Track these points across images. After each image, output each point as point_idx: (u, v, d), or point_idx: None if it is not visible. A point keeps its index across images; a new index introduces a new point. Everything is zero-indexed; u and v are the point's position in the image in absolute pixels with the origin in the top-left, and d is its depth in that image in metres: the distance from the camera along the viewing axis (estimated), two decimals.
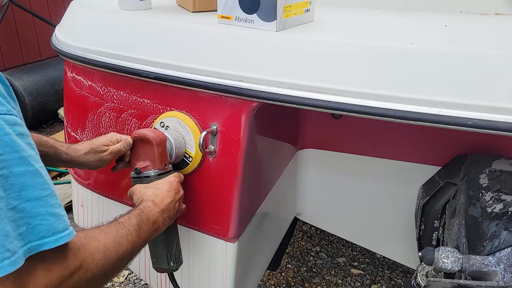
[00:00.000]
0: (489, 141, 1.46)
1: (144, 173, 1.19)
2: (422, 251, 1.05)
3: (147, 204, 1.06)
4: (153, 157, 1.19)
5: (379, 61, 1.03)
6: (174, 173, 1.23)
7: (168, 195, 1.12)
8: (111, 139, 1.22)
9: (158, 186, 1.14)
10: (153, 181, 1.18)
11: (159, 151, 1.19)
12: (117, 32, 1.35)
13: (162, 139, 1.20)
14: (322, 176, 1.89)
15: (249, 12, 1.15)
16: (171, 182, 1.16)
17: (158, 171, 1.19)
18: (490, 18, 1.42)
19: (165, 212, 1.09)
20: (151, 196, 1.09)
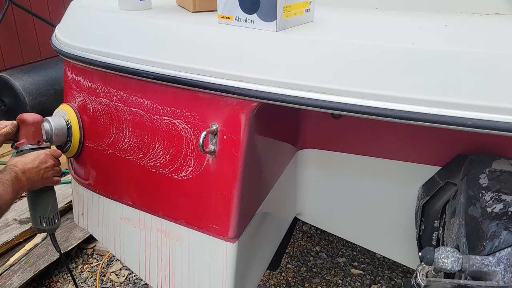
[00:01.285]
0: (489, 141, 1.46)
1: (19, 148, 1.45)
2: (422, 251, 1.05)
3: (11, 166, 1.32)
4: (27, 134, 1.45)
5: (379, 61, 1.03)
6: (48, 149, 1.47)
7: (32, 162, 1.37)
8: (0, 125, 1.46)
9: (25, 155, 1.40)
10: (26, 153, 1.42)
11: (32, 129, 1.45)
12: (117, 32, 1.35)
13: (36, 120, 1.46)
14: (322, 176, 1.89)
15: (249, 12, 1.15)
16: (38, 154, 1.41)
17: (30, 146, 1.45)
18: (490, 18, 1.42)
19: (26, 173, 1.33)
20: (15, 162, 1.35)
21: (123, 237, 1.59)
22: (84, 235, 2.54)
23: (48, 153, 1.44)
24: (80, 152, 1.58)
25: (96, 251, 2.57)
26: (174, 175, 1.36)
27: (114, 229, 1.60)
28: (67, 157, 1.65)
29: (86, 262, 2.49)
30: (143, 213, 1.48)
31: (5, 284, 2.15)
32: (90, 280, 2.37)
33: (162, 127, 1.33)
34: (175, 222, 1.41)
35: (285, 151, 1.79)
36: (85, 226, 1.75)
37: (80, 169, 1.64)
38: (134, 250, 1.56)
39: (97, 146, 1.52)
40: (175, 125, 1.30)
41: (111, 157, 1.49)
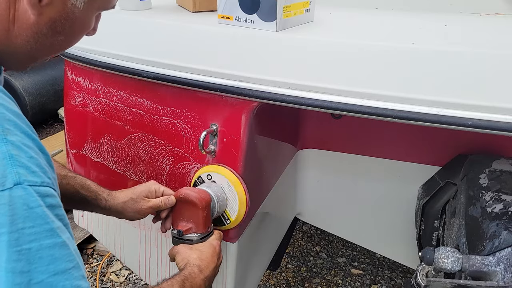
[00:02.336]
0: (489, 141, 1.46)
1: (187, 235, 1.15)
2: (422, 251, 1.05)
3: (193, 270, 1.04)
4: (197, 220, 1.15)
5: (379, 61, 1.03)
6: (216, 234, 1.19)
7: (212, 261, 1.10)
8: (149, 189, 1.19)
9: (202, 249, 1.12)
10: (195, 244, 1.14)
11: (204, 215, 1.15)
12: (117, 32, 1.35)
13: (207, 203, 1.16)
14: (322, 176, 1.89)
15: (249, 12, 1.15)
16: (214, 247, 1.14)
17: (201, 235, 1.15)
18: (490, 18, 1.42)
19: (208, 280, 1.07)
20: (197, 260, 1.07)
21: (123, 237, 1.59)
22: (84, 235, 2.54)
23: (219, 243, 1.17)
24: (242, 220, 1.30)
25: (96, 251, 2.57)
26: (174, 175, 1.36)
27: (114, 229, 1.60)
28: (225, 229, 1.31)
29: (86, 262, 2.49)
30: None
31: None
32: (90, 280, 2.37)
33: (162, 127, 1.33)
34: None
35: (285, 151, 1.79)
36: (85, 226, 1.75)
37: (80, 169, 1.64)
38: (134, 250, 1.56)
39: (97, 146, 1.52)
40: (175, 125, 1.30)
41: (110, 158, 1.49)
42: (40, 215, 0.63)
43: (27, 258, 0.61)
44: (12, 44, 0.74)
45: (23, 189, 0.62)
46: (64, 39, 0.79)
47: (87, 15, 0.79)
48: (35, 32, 0.74)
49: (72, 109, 1.59)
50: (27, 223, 0.61)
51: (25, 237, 0.61)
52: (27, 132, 0.67)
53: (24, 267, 0.61)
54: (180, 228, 1.15)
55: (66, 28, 0.76)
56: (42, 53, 0.79)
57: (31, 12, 0.71)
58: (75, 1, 0.74)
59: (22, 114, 0.70)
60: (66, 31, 0.77)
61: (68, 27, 0.77)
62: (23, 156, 0.64)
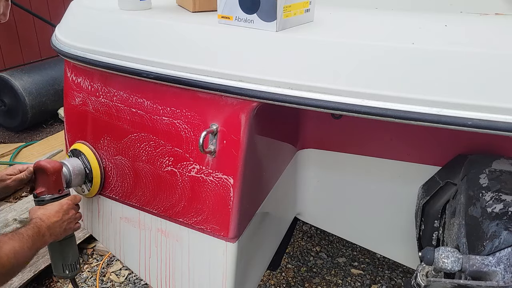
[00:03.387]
0: (489, 141, 1.46)
1: (40, 197, 1.41)
2: (422, 251, 1.05)
3: (36, 221, 1.28)
4: (48, 184, 1.41)
5: (379, 61, 1.03)
6: (69, 196, 1.44)
7: (56, 215, 1.34)
8: (14, 169, 1.44)
9: (48, 206, 1.36)
10: (47, 203, 1.38)
11: (53, 179, 1.40)
12: (117, 32, 1.35)
13: (56, 169, 1.41)
14: (322, 176, 1.89)
15: (249, 12, 1.15)
16: (61, 204, 1.38)
17: (51, 196, 1.41)
18: (490, 18, 1.42)
19: (51, 229, 1.31)
20: (40, 215, 1.31)
21: (123, 237, 1.59)
22: (84, 235, 2.54)
23: (70, 202, 1.41)
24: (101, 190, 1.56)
25: (96, 251, 2.57)
26: (174, 175, 1.36)
27: (114, 229, 1.60)
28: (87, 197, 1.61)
29: (86, 262, 2.49)
30: (143, 213, 1.48)
31: (6, 284, 2.15)
32: (90, 280, 2.37)
33: (162, 127, 1.33)
34: (175, 222, 1.41)
35: (285, 151, 1.79)
36: (85, 226, 1.75)
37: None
38: (134, 250, 1.56)
39: (97, 145, 1.52)
40: (175, 125, 1.30)
41: (110, 157, 1.49)
42: None
43: None
44: None
45: None
46: None
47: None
48: None
49: (72, 109, 1.59)
50: None
51: None
52: None
53: None
54: (36, 192, 1.41)
55: None
56: None
57: None
58: None
59: None
60: None
61: None
62: None
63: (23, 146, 3.48)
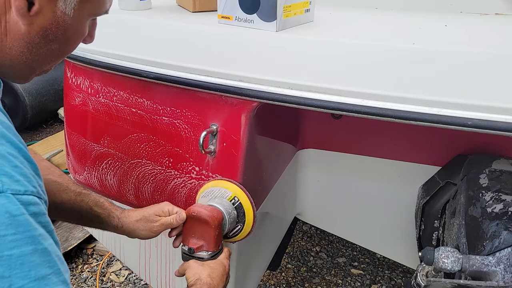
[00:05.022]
0: (489, 141, 1.46)
1: (197, 253, 1.14)
2: (422, 251, 1.05)
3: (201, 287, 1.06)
4: (209, 239, 1.14)
5: (379, 61, 1.03)
6: (226, 253, 1.19)
7: (222, 280, 1.11)
8: (163, 209, 1.19)
9: (214, 266, 1.12)
10: (205, 261, 1.14)
11: (216, 233, 1.14)
12: (117, 32, 1.35)
13: (219, 221, 1.15)
14: (322, 176, 1.89)
15: (249, 12, 1.15)
16: (224, 266, 1.15)
17: (212, 253, 1.15)
18: (490, 18, 1.42)
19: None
20: (208, 278, 1.08)
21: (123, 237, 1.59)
22: (84, 235, 2.54)
23: (229, 261, 1.18)
24: None
25: (96, 251, 2.57)
26: (174, 176, 1.36)
27: None
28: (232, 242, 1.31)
29: (86, 262, 2.49)
30: None
31: None
32: (90, 280, 2.37)
33: (162, 127, 1.33)
34: None
35: (285, 151, 1.79)
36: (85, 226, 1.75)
37: (80, 169, 1.64)
38: (134, 250, 1.56)
39: (97, 145, 1.52)
40: (175, 125, 1.30)
41: (110, 157, 1.49)
42: (23, 222, 0.64)
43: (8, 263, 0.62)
44: (7, 56, 0.75)
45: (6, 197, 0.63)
46: (59, 47, 0.79)
47: (79, 22, 0.79)
48: (28, 42, 0.74)
49: (72, 109, 1.59)
50: (9, 230, 0.62)
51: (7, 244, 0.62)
52: (14, 141, 0.69)
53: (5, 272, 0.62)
54: (191, 246, 1.14)
55: (58, 36, 0.76)
56: (39, 63, 0.80)
57: (21, 22, 0.72)
58: (64, 9, 0.74)
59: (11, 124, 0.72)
60: (59, 39, 0.77)
61: (61, 35, 0.77)
62: (7, 165, 0.65)
63: None
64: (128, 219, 1.20)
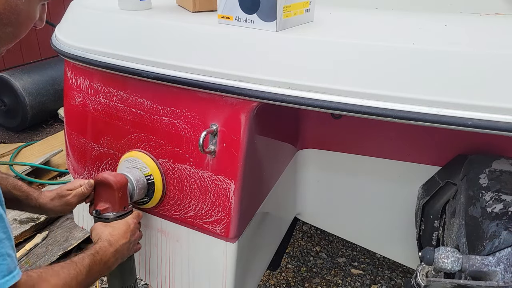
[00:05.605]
0: (489, 141, 1.46)
1: (103, 214, 1.27)
2: (422, 251, 1.05)
3: (103, 244, 1.15)
4: (113, 200, 1.27)
5: (379, 61, 1.03)
6: (133, 214, 1.30)
7: (124, 236, 1.21)
8: (74, 184, 1.30)
9: (116, 225, 1.23)
10: (111, 221, 1.26)
11: (119, 195, 1.26)
12: (117, 32, 1.35)
13: (122, 184, 1.27)
14: (322, 176, 1.89)
15: (249, 12, 1.15)
16: (129, 224, 1.25)
17: (117, 214, 1.27)
18: (490, 18, 1.42)
19: (118, 253, 1.18)
20: (108, 236, 1.19)
21: None
22: (84, 235, 2.54)
23: (136, 221, 1.29)
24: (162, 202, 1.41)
25: None
26: (173, 175, 1.36)
27: None
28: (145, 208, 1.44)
29: None
30: (143, 212, 1.48)
31: None
32: None
33: (162, 127, 1.33)
34: (175, 222, 1.41)
35: (285, 151, 1.79)
36: (85, 226, 1.75)
37: (80, 169, 1.64)
38: None
39: (97, 145, 1.52)
40: (175, 125, 1.30)
41: (110, 157, 1.49)
42: None
43: None
44: None
45: None
46: (13, 31, 0.87)
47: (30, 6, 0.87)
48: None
49: (72, 109, 1.59)
50: None
51: None
52: None
53: None
54: (98, 208, 1.27)
55: (12, 20, 0.84)
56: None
57: None
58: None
59: None
60: (13, 22, 0.85)
61: (14, 19, 0.85)
62: None
63: (23, 146, 3.48)
64: (44, 199, 1.28)
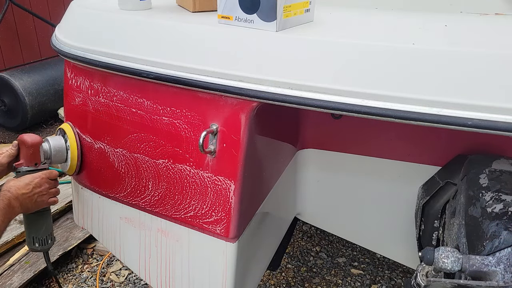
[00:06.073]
0: (489, 141, 1.46)
1: (17, 169, 1.45)
2: (422, 251, 1.05)
3: (4, 192, 1.32)
4: (26, 156, 1.44)
5: (379, 61, 1.03)
6: (44, 171, 1.45)
7: (26, 187, 1.37)
8: (2, 149, 1.46)
9: (21, 179, 1.39)
10: (23, 175, 1.42)
11: (30, 152, 1.44)
12: (117, 32, 1.35)
13: (34, 143, 1.44)
14: (322, 176, 1.89)
15: (249, 12, 1.15)
16: (34, 177, 1.41)
17: (27, 168, 1.44)
18: (490, 18, 1.42)
19: (19, 199, 1.34)
20: (9, 186, 1.35)
21: (123, 237, 1.59)
22: (84, 235, 2.54)
23: (44, 176, 1.43)
24: (80, 171, 1.60)
25: (96, 251, 2.57)
26: (173, 175, 1.36)
27: (114, 229, 1.60)
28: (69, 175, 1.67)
29: (86, 262, 2.49)
30: (143, 213, 1.48)
31: (5, 284, 2.15)
32: (90, 280, 2.37)
33: (162, 127, 1.33)
34: (175, 222, 1.41)
35: (285, 151, 1.79)
36: (85, 226, 1.75)
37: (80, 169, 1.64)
38: (134, 250, 1.56)
39: (97, 145, 1.52)
40: (175, 125, 1.30)
41: (111, 157, 1.49)
42: None
43: None
44: None
45: None
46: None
47: None
48: None
49: (72, 109, 1.59)
50: None
51: None
52: None
53: None
54: (14, 164, 1.45)
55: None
56: None
57: None
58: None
59: None
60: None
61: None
62: None
63: None
64: None
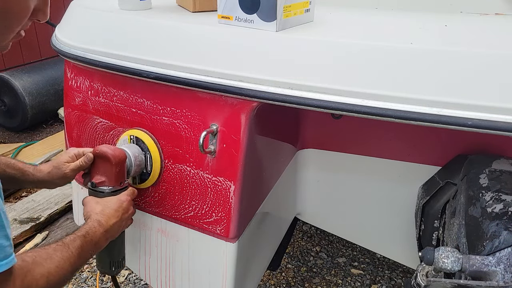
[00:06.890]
0: (489, 141, 1.46)
1: (99, 188, 1.24)
2: (422, 251, 1.05)
3: (93, 225, 1.12)
4: (110, 175, 1.25)
5: (379, 61, 1.03)
6: (128, 190, 1.27)
7: (115, 215, 1.18)
8: (69, 155, 1.28)
9: (108, 203, 1.20)
10: (106, 196, 1.23)
11: (116, 170, 1.25)
12: (117, 32, 1.35)
13: (121, 159, 1.26)
14: (322, 176, 1.89)
15: (249, 12, 1.15)
16: (121, 202, 1.22)
17: (112, 188, 1.25)
18: (490, 18, 1.42)
19: (109, 233, 1.15)
20: (98, 215, 1.15)
21: None
22: None
23: (130, 199, 1.25)
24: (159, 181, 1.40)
25: None
26: (173, 175, 1.36)
27: None
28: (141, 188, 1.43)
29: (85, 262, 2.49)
30: (143, 213, 1.48)
31: None
32: (90, 280, 2.37)
33: (162, 127, 1.33)
34: (175, 222, 1.41)
35: (285, 151, 1.79)
36: None
37: None
38: (134, 250, 1.56)
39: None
40: (175, 125, 1.30)
41: None
42: None
43: None
44: None
45: None
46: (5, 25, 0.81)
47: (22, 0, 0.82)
48: None
49: (72, 109, 1.59)
50: None
51: None
52: None
53: None
54: (94, 181, 1.25)
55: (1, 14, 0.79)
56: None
57: None
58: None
59: None
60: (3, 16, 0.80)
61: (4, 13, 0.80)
62: None
63: (23, 146, 3.48)
64: (41, 173, 1.26)
